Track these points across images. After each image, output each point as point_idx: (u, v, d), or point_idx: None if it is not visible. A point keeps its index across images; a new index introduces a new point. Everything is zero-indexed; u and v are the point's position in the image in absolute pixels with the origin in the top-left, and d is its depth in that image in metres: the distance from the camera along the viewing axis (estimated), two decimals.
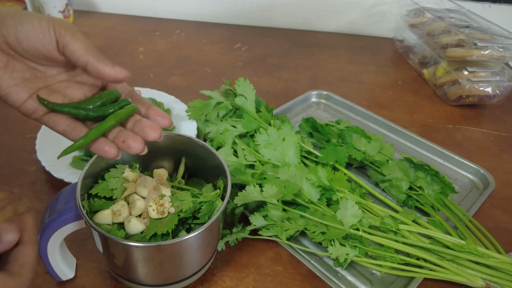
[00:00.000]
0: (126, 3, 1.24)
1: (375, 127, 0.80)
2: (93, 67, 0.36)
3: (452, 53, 0.86)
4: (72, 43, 0.35)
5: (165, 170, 0.53)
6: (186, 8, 1.22)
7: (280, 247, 0.55)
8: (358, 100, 0.88)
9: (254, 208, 0.56)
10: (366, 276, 0.52)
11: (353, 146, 0.65)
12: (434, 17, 0.96)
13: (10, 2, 1.04)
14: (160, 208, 0.46)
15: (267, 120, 0.68)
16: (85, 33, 1.13)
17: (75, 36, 0.36)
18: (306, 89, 0.89)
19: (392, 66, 1.05)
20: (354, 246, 0.51)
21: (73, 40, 0.36)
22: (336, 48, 1.12)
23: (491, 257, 0.50)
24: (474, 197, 0.65)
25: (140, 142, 0.37)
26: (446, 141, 0.78)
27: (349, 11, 1.17)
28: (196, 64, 1.00)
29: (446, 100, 0.90)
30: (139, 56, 1.02)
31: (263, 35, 1.16)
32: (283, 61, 1.04)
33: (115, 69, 0.36)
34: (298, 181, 0.54)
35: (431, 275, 0.50)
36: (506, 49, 0.83)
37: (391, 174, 0.61)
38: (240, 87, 0.68)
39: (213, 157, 0.51)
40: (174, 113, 0.74)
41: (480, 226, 0.57)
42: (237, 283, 0.51)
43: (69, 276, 0.49)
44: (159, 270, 0.43)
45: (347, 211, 0.52)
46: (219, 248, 0.52)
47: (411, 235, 0.53)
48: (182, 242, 0.41)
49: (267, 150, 0.60)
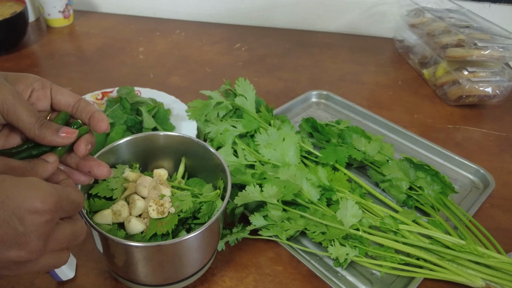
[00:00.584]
0: (126, 3, 1.24)
1: (375, 127, 0.80)
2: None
3: (452, 53, 0.86)
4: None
5: (165, 170, 0.53)
6: (186, 8, 1.22)
7: (280, 247, 0.55)
8: (358, 100, 0.88)
9: (254, 208, 0.56)
10: (366, 276, 0.52)
11: (353, 146, 0.65)
12: (434, 17, 0.96)
13: (10, 2, 1.04)
14: (160, 208, 0.46)
15: (267, 120, 0.68)
16: (85, 33, 1.14)
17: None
18: (306, 89, 0.89)
19: (392, 66, 1.05)
20: (354, 246, 0.51)
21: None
22: (336, 48, 1.12)
23: (491, 257, 0.50)
24: (474, 197, 0.65)
25: (106, 168, 0.40)
26: (446, 141, 0.78)
27: (349, 11, 1.17)
28: (196, 64, 1.00)
29: (446, 100, 0.90)
30: (139, 56, 1.02)
31: (263, 35, 1.16)
32: (283, 61, 1.04)
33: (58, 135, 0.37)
34: (298, 181, 0.54)
35: (431, 275, 0.50)
36: (506, 49, 0.83)
37: (391, 174, 0.61)
38: (240, 87, 0.68)
39: (213, 157, 0.51)
40: (174, 113, 0.74)
41: (480, 226, 0.57)
42: (237, 283, 0.51)
43: (69, 276, 0.49)
44: (159, 270, 0.43)
45: (347, 211, 0.52)
46: (219, 248, 0.52)
47: (411, 235, 0.53)
48: (182, 242, 0.42)
49: (267, 150, 0.60)
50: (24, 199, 0.29)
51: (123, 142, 0.51)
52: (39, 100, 0.39)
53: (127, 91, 0.74)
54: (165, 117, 0.70)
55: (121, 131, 0.65)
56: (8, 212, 0.28)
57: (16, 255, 0.29)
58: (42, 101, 0.39)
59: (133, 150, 0.53)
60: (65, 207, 0.32)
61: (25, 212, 0.29)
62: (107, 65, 0.97)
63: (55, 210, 0.30)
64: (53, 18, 1.12)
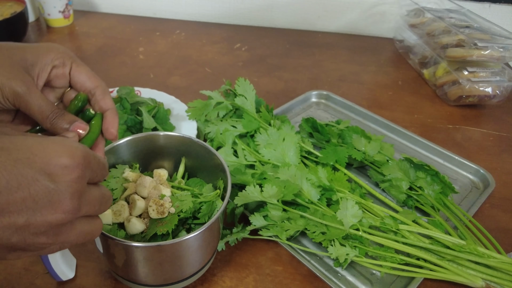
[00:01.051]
0: (126, 3, 1.24)
1: (375, 127, 0.80)
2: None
3: (452, 53, 0.86)
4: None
5: (165, 170, 0.53)
6: (186, 8, 1.22)
7: (280, 247, 0.55)
8: (358, 100, 0.88)
9: (254, 208, 0.56)
10: (366, 276, 0.52)
11: (353, 146, 0.65)
12: (434, 17, 0.96)
13: (10, 2, 1.04)
14: (160, 208, 0.46)
15: (267, 120, 0.68)
16: (85, 33, 1.14)
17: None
18: (306, 89, 0.89)
19: (392, 66, 1.05)
20: (354, 246, 0.51)
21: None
22: (336, 48, 1.12)
23: (491, 257, 0.50)
24: (474, 197, 0.65)
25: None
26: (446, 141, 0.78)
27: (349, 11, 1.17)
28: (196, 64, 1.00)
29: (446, 100, 0.90)
30: (139, 56, 1.02)
31: (263, 35, 1.16)
32: (283, 61, 1.04)
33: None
34: (298, 181, 0.54)
35: (431, 275, 0.50)
36: (506, 49, 0.83)
37: (391, 174, 0.61)
38: (240, 87, 0.68)
39: (213, 157, 0.51)
40: (174, 113, 0.74)
41: (480, 226, 0.57)
42: (237, 283, 0.51)
43: (69, 276, 0.48)
44: (159, 270, 0.43)
45: (347, 211, 0.52)
46: (219, 248, 0.52)
47: (411, 235, 0.53)
48: (182, 242, 0.42)
49: (267, 150, 0.60)
50: (51, 154, 0.27)
51: (123, 142, 0.51)
52: (57, 78, 0.39)
53: (127, 91, 0.74)
54: (165, 117, 0.70)
55: (121, 131, 0.65)
56: (35, 169, 0.26)
57: (51, 216, 0.27)
58: (61, 79, 0.39)
59: (133, 150, 0.53)
60: (93, 165, 0.30)
61: (54, 167, 0.26)
62: (107, 65, 0.97)
63: (84, 165, 0.28)
64: (53, 18, 1.12)
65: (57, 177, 0.27)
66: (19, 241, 0.27)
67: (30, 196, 0.26)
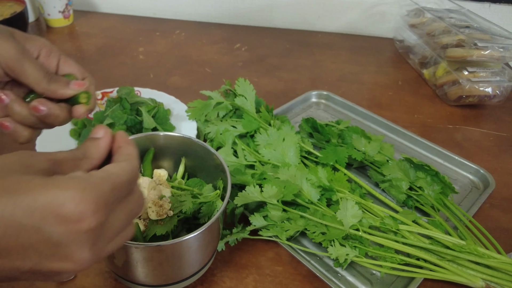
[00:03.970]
0: (126, 3, 1.24)
1: (375, 127, 0.80)
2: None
3: (452, 53, 0.86)
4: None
5: (165, 170, 0.53)
6: (186, 8, 1.22)
7: (280, 247, 0.55)
8: (358, 100, 0.88)
9: (254, 208, 0.56)
10: (366, 276, 0.52)
11: (353, 146, 0.65)
12: (434, 17, 0.96)
13: (10, 2, 1.04)
14: (159, 210, 0.46)
15: (267, 120, 0.68)
16: (85, 33, 1.14)
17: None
18: (306, 89, 0.89)
19: (392, 66, 1.05)
20: (354, 246, 0.51)
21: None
22: (336, 48, 1.12)
23: (491, 257, 0.50)
24: (474, 197, 0.65)
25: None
26: (446, 141, 0.78)
27: (349, 11, 1.17)
28: (196, 64, 1.00)
29: (446, 100, 0.90)
30: (139, 56, 1.02)
31: (263, 35, 1.16)
32: (283, 61, 1.04)
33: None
34: (298, 181, 0.54)
35: (431, 276, 0.50)
36: (506, 49, 0.83)
37: (391, 174, 0.61)
38: (240, 87, 0.68)
39: (213, 157, 0.51)
40: (174, 113, 0.74)
41: (480, 227, 0.57)
42: (237, 283, 0.51)
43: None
44: (159, 270, 0.43)
45: (347, 211, 0.52)
46: (219, 248, 0.52)
47: (411, 235, 0.53)
48: (182, 242, 0.41)
49: (267, 150, 0.60)
50: (52, 201, 0.23)
51: None
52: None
53: (127, 91, 0.74)
54: (165, 117, 0.70)
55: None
56: (36, 218, 0.23)
57: (59, 266, 0.25)
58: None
59: None
60: (113, 196, 0.26)
61: (54, 219, 0.23)
62: (107, 65, 0.97)
63: (96, 210, 0.24)
64: (53, 18, 1.12)
65: (59, 230, 0.24)
66: (30, 278, 0.26)
67: (31, 246, 0.24)
